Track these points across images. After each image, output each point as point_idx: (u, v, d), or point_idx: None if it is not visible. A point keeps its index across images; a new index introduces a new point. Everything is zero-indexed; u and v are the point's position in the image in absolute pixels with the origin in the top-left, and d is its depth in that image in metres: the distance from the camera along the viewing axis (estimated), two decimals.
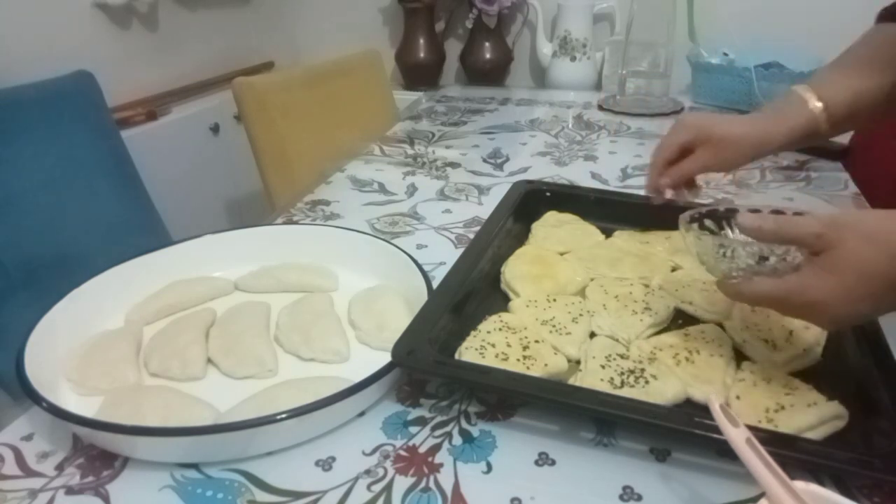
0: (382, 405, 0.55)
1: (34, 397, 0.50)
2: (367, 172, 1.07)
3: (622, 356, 0.58)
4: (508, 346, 0.57)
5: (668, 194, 0.74)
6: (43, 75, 1.23)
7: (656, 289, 0.68)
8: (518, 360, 0.56)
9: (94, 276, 0.65)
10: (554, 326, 0.61)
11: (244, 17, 1.95)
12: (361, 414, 0.54)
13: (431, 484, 0.48)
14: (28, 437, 0.52)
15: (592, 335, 0.62)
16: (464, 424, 0.53)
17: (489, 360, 0.55)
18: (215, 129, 1.72)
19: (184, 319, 0.66)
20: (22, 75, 1.22)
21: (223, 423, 0.50)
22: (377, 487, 0.47)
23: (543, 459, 0.50)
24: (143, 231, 1.31)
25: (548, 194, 0.86)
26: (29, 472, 0.49)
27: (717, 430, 0.43)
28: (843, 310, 0.48)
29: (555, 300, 0.65)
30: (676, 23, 1.45)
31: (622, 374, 0.55)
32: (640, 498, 0.46)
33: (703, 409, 0.46)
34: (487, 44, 1.80)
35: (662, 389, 0.54)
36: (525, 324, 0.61)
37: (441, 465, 0.49)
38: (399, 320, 0.60)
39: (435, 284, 0.64)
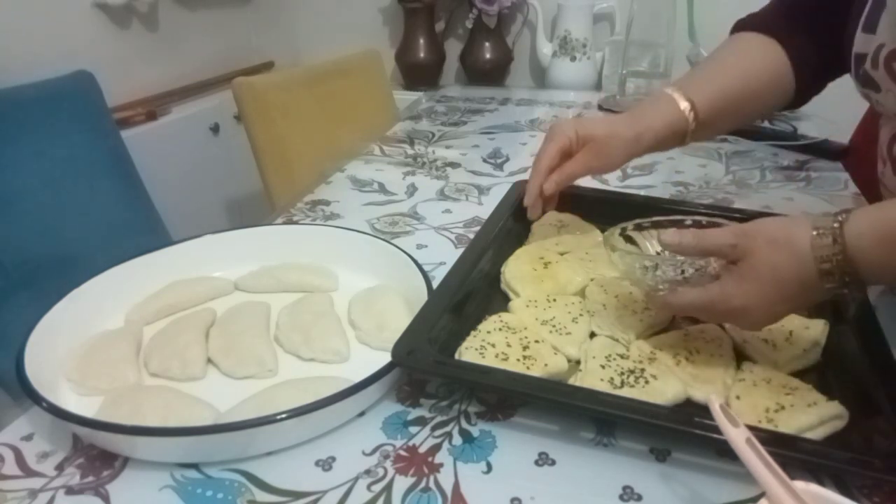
0: (382, 405, 0.55)
1: (34, 397, 0.50)
2: (367, 172, 1.07)
3: (622, 356, 0.58)
4: (508, 346, 0.57)
5: (538, 211, 0.73)
6: (43, 75, 1.23)
7: None
8: (518, 360, 0.56)
9: (94, 276, 0.65)
10: (554, 326, 0.61)
11: (244, 17, 1.96)
12: (361, 414, 0.54)
13: (431, 484, 0.48)
14: (28, 437, 0.52)
15: (592, 335, 0.62)
16: (464, 424, 0.53)
17: (489, 360, 0.55)
18: (215, 129, 1.72)
19: (184, 319, 0.66)
20: (22, 75, 1.22)
21: (223, 423, 0.50)
22: (377, 487, 0.47)
23: (543, 459, 0.50)
24: (143, 231, 1.31)
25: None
26: (29, 472, 0.49)
27: (717, 430, 0.43)
28: (762, 313, 0.52)
29: (555, 300, 0.65)
30: (676, 23, 1.45)
31: (622, 374, 0.55)
32: (640, 498, 0.46)
33: (703, 409, 0.46)
34: (487, 44, 1.80)
35: (662, 389, 0.54)
36: (525, 324, 0.61)
37: (441, 465, 0.49)
38: (399, 320, 0.60)
39: (435, 284, 0.64)
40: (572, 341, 0.60)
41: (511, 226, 0.78)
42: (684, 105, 0.71)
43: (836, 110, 1.23)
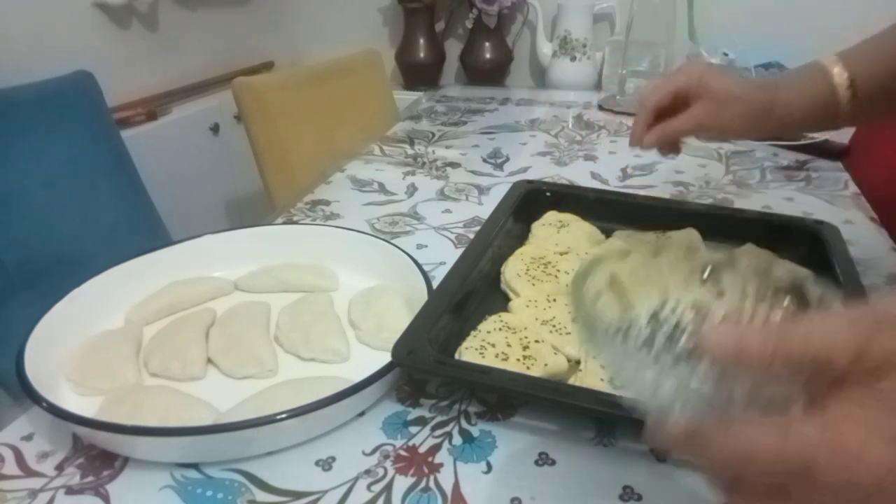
0: (382, 405, 0.55)
1: (34, 397, 0.50)
2: (367, 172, 1.07)
3: None
4: (508, 346, 0.57)
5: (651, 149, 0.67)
6: (43, 75, 1.23)
7: None
8: (518, 360, 0.56)
9: (94, 276, 0.65)
10: (554, 326, 0.61)
11: (244, 17, 1.95)
12: (361, 414, 0.54)
13: (431, 484, 0.48)
14: (28, 437, 0.52)
15: None
16: (464, 424, 0.53)
17: (489, 360, 0.55)
18: (215, 129, 1.72)
19: (184, 319, 0.66)
20: (22, 75, 1.22)
21: (223, 423, 0.50)
22: (377, 487, 0.47)
23: (543, 459, 0.50)
24: (143, 231, 1.32)
25: (548, 194, 0.86)
26: (29, 472, 0.49)
27: None
28: None
29: (555, 300, 0.65)
30: (676, 23, 1.45)
31: None
32: (640, 498, 0.46)
33: None
34: (487, 44, 1.80)
35: None
36: (525, 324, 0.61)
37: (441, 465, 0.49)
38: (399, 320, 0.60)
39: (435, 284, 0.64)
40: (572, 341, 0.60)
41: (511, 226, 0.78)
42: (841, 78, 0.59)
43: None
